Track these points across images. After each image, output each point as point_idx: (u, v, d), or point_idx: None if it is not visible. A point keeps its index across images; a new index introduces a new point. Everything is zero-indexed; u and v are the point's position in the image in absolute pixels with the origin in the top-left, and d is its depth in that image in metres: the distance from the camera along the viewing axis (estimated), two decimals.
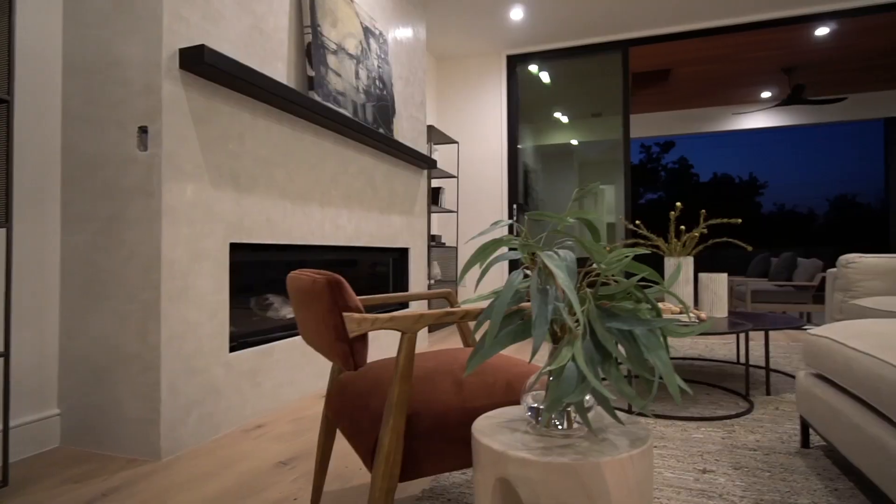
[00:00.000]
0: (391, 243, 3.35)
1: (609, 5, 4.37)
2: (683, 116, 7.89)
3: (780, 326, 2.30)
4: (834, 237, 21.99)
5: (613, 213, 11.54)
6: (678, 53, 5.64)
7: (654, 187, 24.14)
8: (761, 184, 24.36)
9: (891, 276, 2.94)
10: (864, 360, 1.26)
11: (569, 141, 9.55)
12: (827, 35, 5.15)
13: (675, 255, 2.74)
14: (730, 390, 2.41)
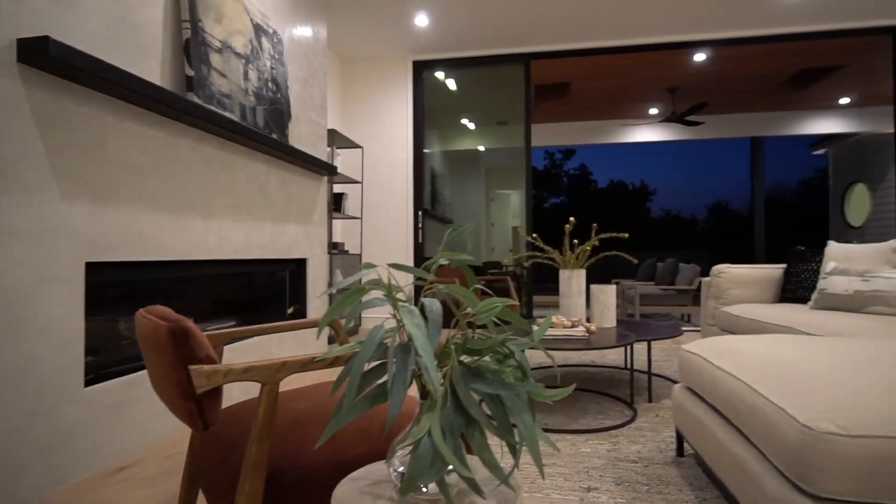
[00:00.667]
0: (287, 254, 3.18)
1: (512, 20, 4.47)
2: (582, 127, 8.30)
3: (660, 337, 2.44)
4: (712, 239, 24.28)
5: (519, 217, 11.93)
6: (577, 68, 5.91)
7: (558, 192, 25.33)
8: (651, 191, 26.38)
9: (754, 285, 3.24)
10: (727, 379, 1.34)
11: (476, 147, 9.73)
12: (704, 60, 5.64)
13: (569, 268, 2.83)
14: (617, 398, 2.52)
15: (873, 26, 4.64)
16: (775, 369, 1.24)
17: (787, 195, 23.78)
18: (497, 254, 10.98)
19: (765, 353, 1.38)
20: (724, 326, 3.08)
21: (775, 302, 3.20)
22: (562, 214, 23.80)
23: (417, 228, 5.29)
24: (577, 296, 2.80)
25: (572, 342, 2.18)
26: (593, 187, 26.07)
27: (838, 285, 2.51)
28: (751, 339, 1.58)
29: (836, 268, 2.61)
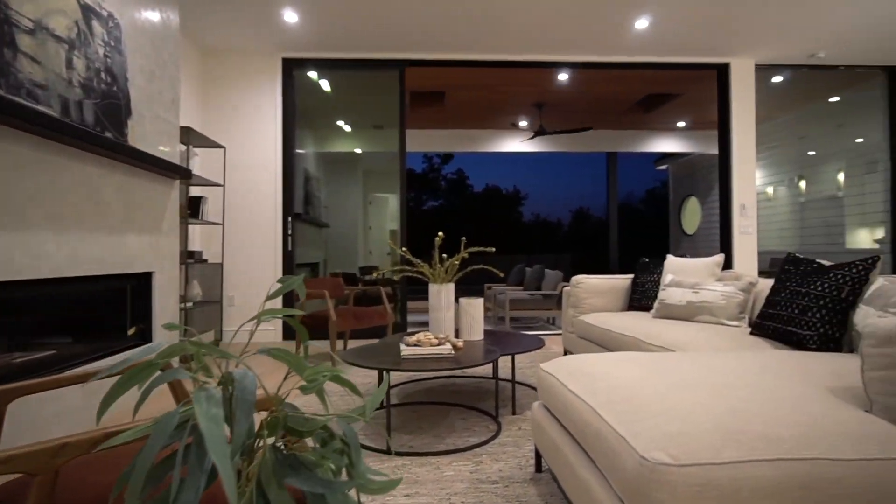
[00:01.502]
0: (128, 268, 2.80)
1: (386, 26, 4.41)
2: (458, 135, 8.49)
3: (523, 350, 2.52)
4: (575, 242, 26.31)
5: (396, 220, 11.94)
6: (452, 78, 6.01)
7: (436, 195, 25.81)
8: (523, 196, 27.94)
9: (606, 294, 3.50)
10: (577, 403, 1.39)
11: (353, 149, 9.52)
12: (567, 80, 6.04)
13: (439, 282, 2.83)
14: (483, 411, 2.56)
15: (703, 62, 5.29)
16: (620, 393, 1.31)
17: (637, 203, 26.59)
18: (374, 257, 10.85)
19: (612, 375, 1.46)
20: (581, 334, 3.29)
21: (625, 309, 3.50)
22: (440, 217, 24.29)
23: (287, 235, 5.01)
24: (446, 309, 2.80)
25: (439, 361, 2.17)
26: (470, 191, 26.95)
27: (674, 296, 2.79)
28: (601, 359, 1.66)
29: (673, 280, 2.90)
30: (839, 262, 2.00)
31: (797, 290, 2.05)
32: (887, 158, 5.65)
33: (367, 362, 2.14)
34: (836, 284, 1.92)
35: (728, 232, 5.36)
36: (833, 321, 1.89)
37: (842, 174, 6.72)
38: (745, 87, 5.32)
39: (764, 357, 1.63)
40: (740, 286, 2.57)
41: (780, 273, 2.20)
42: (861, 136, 6.23)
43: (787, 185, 7.80)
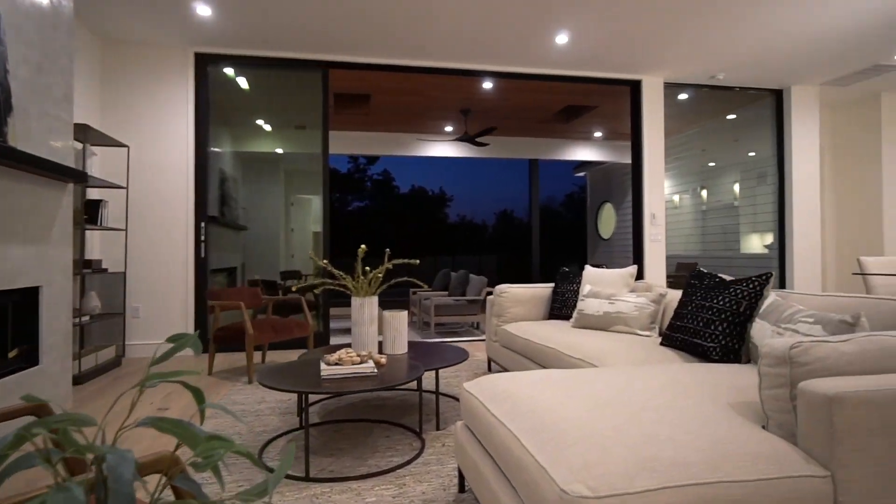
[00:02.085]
0: (9, 284, 2.50)
1: (309, 26, 4.25)
2: (384, 138, 8.39)
3: (447, 364, 2.51)
4: (500, 244, 26.91)
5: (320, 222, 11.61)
6: (377, 82, 5.92)
7: (362, 196, 25.45)
8: (449, 198, 28.22)
9: (529, 303, 3.57)
10: (500, 428, 1.38)
11: (274, 149, 9.14)
12: (492, 88, 6.14)
13: (361, 295, 2.76)
14: (407, 428, 2.52)
15: (618, 78, 5.57)
16: (541, 417, 1.32)
17: (558, 206, 27.65)
18: (297, 261, 10.50)
19: (533, 397, 1.47)
20: (505, 343, 3.34)
21: (546, 318, 3.59)
22: (365, 218, 23.97)
23: (200, 241, 4.71)
24: (369, 323, 2.74)
25: (361, 381, 2.10)
26: (396, 192, 26.83)
27: (592, 307, 2.89)
28: (522, 379, 1.67)
29: (591, 291, 3.01)
30: (738, 278, 2.15)
31: (702, 304, 2.19)
32: (775, 171, 6.22)
33: (284, 384, 2.04)
34: (735, 299, 2.07)
35: (640, 239, 5.67)
36: (733, 333, 2.03)
37: (737, 185, 7.31)
38: (655, 103, 5.65)
39: (673, 372, 1.71)
40: (651, 297, 2.71)
41: (687, 287, 2.34)
42: (753, 150, 6.81)
43: (691, 194, 8.39)
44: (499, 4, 3.94)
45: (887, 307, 1.66)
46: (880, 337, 1.29)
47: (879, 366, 1.26)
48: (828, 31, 4.45)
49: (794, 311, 1.77)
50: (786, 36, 4.57)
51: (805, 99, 6.06)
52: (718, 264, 7.60)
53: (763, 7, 4.01)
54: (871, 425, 1.11)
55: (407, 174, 32.81)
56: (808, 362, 1.23)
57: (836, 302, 1.85)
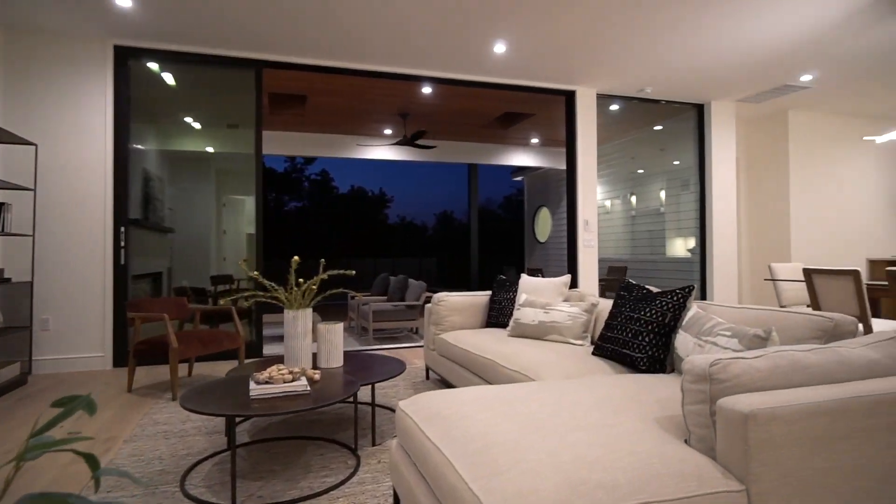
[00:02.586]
0: None
1: (241, 24, 4.08)
2: (321, 139, 8.20)
3: (384, 378, 2.47)
4: (440, 245, 27.01)
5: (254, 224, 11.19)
6: (313, 83, 5.77)
7: (299, 196, 24.79)
8: (389, 198, 28.02)
9: (467, 311, 3.59)
10: (434, 452, 1.37)
11: (205, 148, 8.72)
12: (431, 93, 6.13)
13: (295, 308, 2.67)
14: (342, 444, 2.46)
15: (553, 88, 5.71)
16: (475, 442, 1.31)
17: (497, 208, 28.09)
18: (229, 264, 10.07)
19: (468, 418, 1.46)
20: (443, 352, 3.33)
21: (483, 325, 3.62)
22: (303, 219, 23.38)
23: (119, 247, 4.41)
24: (303, 337, 2.65)
25: (293, 400, 2.03)
26: (335, 193, 26.35)
27: (527, 316, 2.94)
28: (457, 398, 1.66)
29: (527, 300, 3.06)
30: (663, 290, 2.25)
31: (630, 316, 2.27)
32: (697, 180, 6.60)
33: (209, 406, 1.93)
34: (660, 311, 2.16)
35: (574, 245, 5.84)
36: (659, 344, 2.12)
37: (663, 192, 7.70)
38: (589, 113, 5.85)
39: (604, 386, 1.76)
40: (584, 307, 2.79)
41: (617, 298, 2.42)
42: (678, 159, 7.20)
43: (622, 199, 8.75)
44: (437, 12, 3.94)
45: (794, 320, 1.79)
46: (789, 352, 1.38)
47: (789, 380, 1.34)
48: (743, 53, 4.77)
49: (713, 323, 1.86)
50: (706, 56, 4.85)
51: (723, 113, 6.47)
52: (646, 268, 7.97)
53: (685, 30, 4.23)
54: (781, 440, 1.18)
55: (346, 174, 32.26)
56: (726, 379, 1.29)
57: (750, 315, 1.97)
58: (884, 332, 1.56)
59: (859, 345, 1.50)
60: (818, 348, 1.43)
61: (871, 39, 4.49)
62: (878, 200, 7.39)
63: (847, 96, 6.20)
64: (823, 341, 1.69)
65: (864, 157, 7.31)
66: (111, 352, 4.31)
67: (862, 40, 4.50)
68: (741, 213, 7.52)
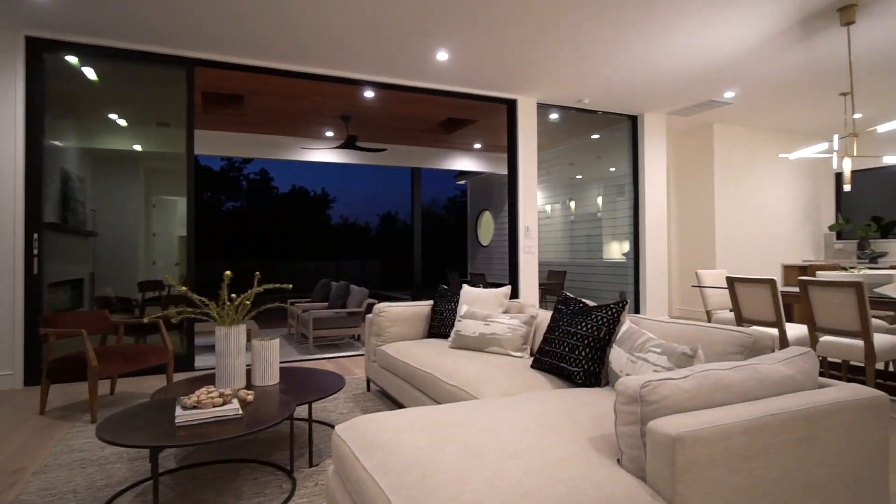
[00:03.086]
0: None
1: (171, 19, 3.86)
2: (260, 140, 7.92)
3: (322, 396, 2.41)
4: (384, 246, 26.76)
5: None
6: (251, 83, 5.56)
7: (236, 196, 23.87)
8: (332, 198, 27.49)
9: (408, 322, 3.56)
10: (370, 485, 1.33)
11: (132, 147, 8.21)
12: (373, 97, 6.05)
13: (227, 324, 2.55)
14: (277, 466, 2.37)
15: (495, 96, 5.78)
16: (412, 472, 1.29)
17: (441, 209, 28.16)
18: (160, 269, 9.55)
19: (405, 445, 1.44)
20: (384, 364, 3.29)
21: (425, 336, 3.60)
22: (241, 219, 22.53)
23: (32, 255, 4.08)
24: (235, 354, 2.54)
25: (223, 427, 1.93)
26: (275, 193, 25.56)
27: (468, 328, 2.95)
28: (394, 423, 1.63)
29: (468, 311, 3.06)
30: (599, 305, 2.31)
31: (567, 330, 2.32)
32: (631, 188, 6.88)
33: (129, 437, 1.80)
34: (596, 325, 2.22)
35: (515, 251, 5.94)
36: (594, 358, 2.18)
37: (600, 197, 7.97)
38: (529, 121, 5.96)
39: (541, 404, 1.78)
40: (524, 319, 2.82)
41: (555, 312, 2.47)
42: (614, 166, 7.47)
43: (562, 204, 9.00)
44: (379, 18, 3.89)
45: (717, 335, 1.88)
46: (713, 371, 1.44)
47: (712, 399, 1.40)
48: (672, 70, 5.01)
49: (644, 339, 1.93)
50: (639, 72, 5.05)
51: (655, 125, 6.78)
52: (584, 272, 8.22)
53: (620, 47, 4.39)
54: (705, 461, 1.23)
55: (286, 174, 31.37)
56: (656, 400, 1.33)
57: (678, 329, 2.05)
58: (796, 348, 1.66)
59: (775, 361, 1.60)
60: (739, 366, 1.50)
61: (784, 62, 4.83)
62: (793, 210, 7.97)
63: (765, 112, 6.65)
64: (743, 356, 1.79)
65: (781, 169, 7.87)
66: (22, 370, 3.97)
67: (776, 63, 4.84)
68: (671, 220, 7.91)
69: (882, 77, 5.27)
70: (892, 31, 4.17)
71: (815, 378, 1.62)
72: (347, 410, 3.26)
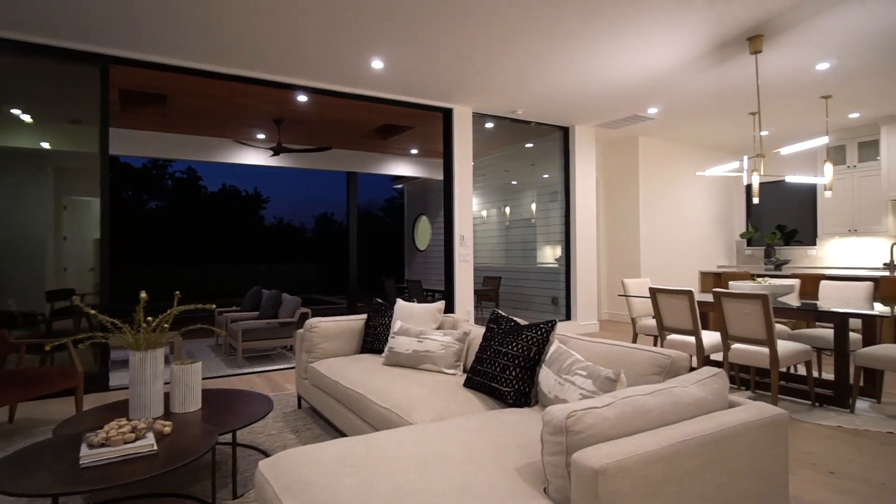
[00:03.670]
0: None
1: (82, 13, 3.57)
2: (187, 140, 7.50)
3: (247, 423, 2.30)
4: (320, 248, 26.11)
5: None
6: (175, 83, 5.25)
7: (161, 195, 22.56)
8: (265, 199, 26.54)
9: (341, 337, 3.49)
10: None
11: (39, 144, 7.55)
12: (306, 101, 5.89)
13: (143, 349, 2.38)
14: (196, 499, 2.24)
15: (431, 105, 5.79)
16: None
17: (378, 210, 27.86)
18: (71, 276, 8.86)
19: (330, 486, 1.39)
20: (315, 382, 3.20)
21: (359, 351, 3.53)
22: (166, 221, 21.31)
23: None
24: (152, 381, 2.38)
25: (135, 466, 1.80)
26: (203, 192, 24.37)
27: (402, 345, 2.92)
28: (324, 457, 1.58)
29: (401, 327, 3.04)
30: (530, 323, 2.36)
31: (498, 350, 2.35)
32: (563, 197, 7.10)
33: (23, 484, 1.64)
34: (526, 345, 2.26)
35: (451, 259, 5.97)
36: (524, 378, 2.21)
37: (534, 204, 8.18)
38: (465, 130, 6.01)
39: (469, 432, 1.79)
40: (457, 336, 2.83)
41: (487, 331, 2.50)
42: (547, 173, 7.68)
43: (498, 210, 9.15)
44: (313, 25, 3.78)
45: (639, 356, 1.97)
46: (633, 398, 1.50)
47: (633, 426, 1.46)
48: (601, 86, 5.21)
49: (572, 361, 1.98)
50: (570, 87, 5.22)
51: (585, 136, 7.03)
52: (518, 277, 8.39)
53: (552, 63, 4.52)
54: (626, 490, 1.27)
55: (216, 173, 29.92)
56: (581, 430, 1.37)
57: (603, 350, 2.12)
58: (709, 369, 1.76)
59: (690, 382, 1.68)
60: (657, 390, 1.57)
61: (701, 83, 5.15)
62: (709, 218, 8.52)
63: (684, 127, 7.06)
64: (662, 377, 1.87)
65: (699, 180, 8.39)
66: None
67: (694, 83, 5.15)
68: (601, 227, 8.23)
69: (784, 100, 5.73)
70: (793, 61, 4.55)
71: (726, 398, 1.72)
72: (276, 431, 3.14)
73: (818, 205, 7.36)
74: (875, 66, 4.67)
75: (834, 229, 7.16)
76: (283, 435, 3.07)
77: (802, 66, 4.67)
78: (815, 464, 2.61)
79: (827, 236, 7.30)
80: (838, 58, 4.48)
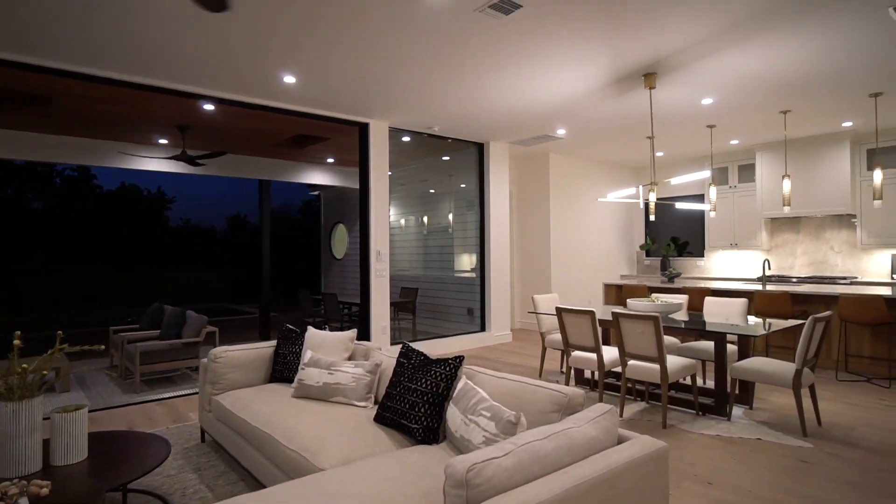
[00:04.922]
0: None
1: None
2: (77, 143, 6.85)
3: (140, 474, 2.16)
4: (232, 251, 24.79)
5: None
6: (62, 86, 4.78)
7: (48, 194, 20.44)
8: (169, 199, 24.82)
9: (248, 367, 3.37)
10: None
11: None
12: (213, 110, 5.61)
13: (15, 399, 2.16)
14: None
15: (347, 119, 5.72)
16: None
17: (296, 213, 26.95)
18: None
19: None
20: (219, 416, 3.06)
21: (268, 381, 3.42)
22: (54, 222, 19.34)
23: None
24: (28, 434, 2.16)
25: None
26: (99, 191, 22.38)
27: (312, 377, 2.87)
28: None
29: (312, 358, 2.98)
30: (438, 358, 2.41)
31: (408, 386, 2.37)
32: (478, 210, 7.29)
33: None
34: (434, 381, 2.30)
35: (367, 274, 5.93)
36: (433, 414, 2.26)
37: (451, 213, 8.31)
38: (381, 145, 6.00)
39: (376, 481, 1.80)
40: (368, 367, 2.83)
41: (397, 366, 2.52)
42: (464, 183, 7.84)
43: (416, 218, 9.19)
44: (218, 38, 3.61)
45: (540, 394, 2.07)
46: (531, 444, 1.58)
47: (531, 473, 1.54)
48: (512, 107, 5.41)
49: (477, 400, 2.05)
50: (483, 107, 5.38)
51: (499, 153, 7.26)
52: (436, 287, 8.48)
53: (463, 86, 4.63)
54: None
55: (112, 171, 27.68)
56: (480, 483, 1.42)
57: (507, 386, 2.21)
58: (601, 406, 1.89)
59: (584, 421, 1.80)
60: (554, 433, 1.67)
61: (603, 110, 5.50)
62: (612, 231, 9.09)
63: (590, 147, 7.49)
64: (560, 414, 1.99)
65: (603, 196, 8.92)
66: None
67: (597, 110, 5.49)
68: (514, 239, 8.52)
69: (676, 127, 6.26)
70: (682, 96, 4.98)
71: (616, 434, 1.86)
72: (176, 470, 2.97)
73: (706, 221, 8.10)
74: (749, 102, 5.23)
75: (718, 243, 7.91)
76: (184, 475, 2.91)
77: (690, 100, 5.13)
78: (696, 475, 2.88)
79: (713, 249, 8.04)
80: (719, 94, 4.97)
